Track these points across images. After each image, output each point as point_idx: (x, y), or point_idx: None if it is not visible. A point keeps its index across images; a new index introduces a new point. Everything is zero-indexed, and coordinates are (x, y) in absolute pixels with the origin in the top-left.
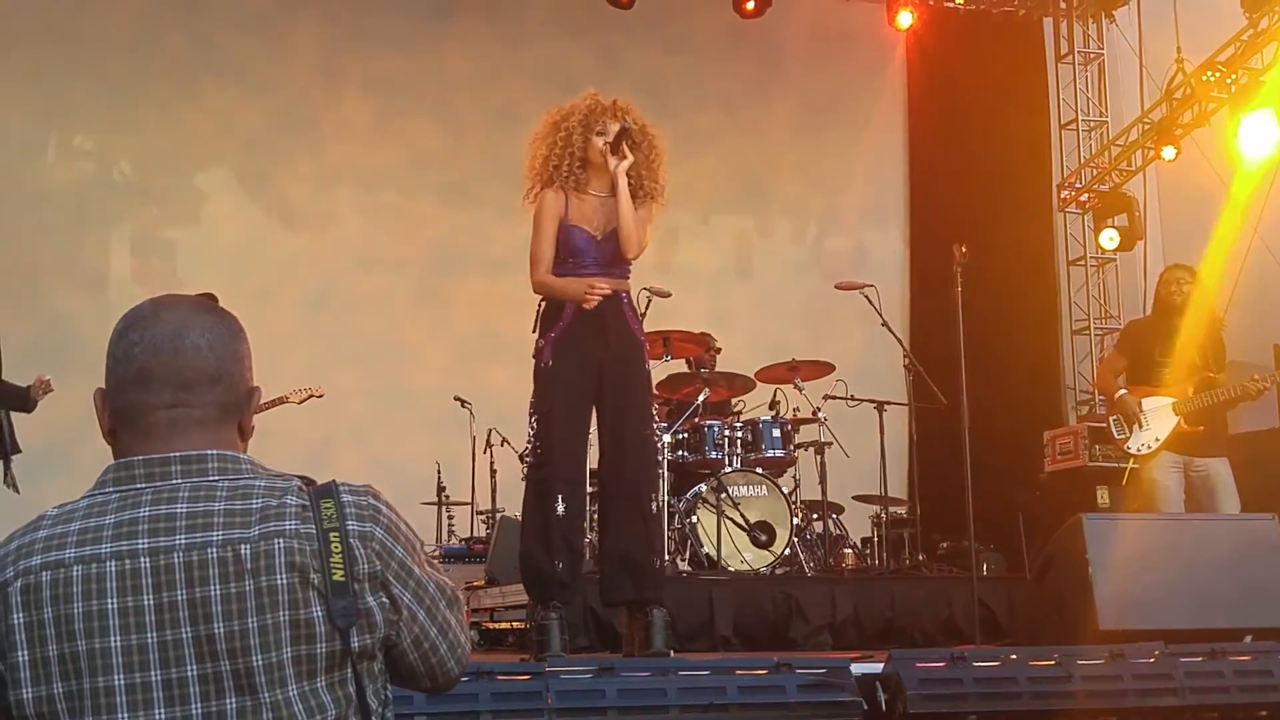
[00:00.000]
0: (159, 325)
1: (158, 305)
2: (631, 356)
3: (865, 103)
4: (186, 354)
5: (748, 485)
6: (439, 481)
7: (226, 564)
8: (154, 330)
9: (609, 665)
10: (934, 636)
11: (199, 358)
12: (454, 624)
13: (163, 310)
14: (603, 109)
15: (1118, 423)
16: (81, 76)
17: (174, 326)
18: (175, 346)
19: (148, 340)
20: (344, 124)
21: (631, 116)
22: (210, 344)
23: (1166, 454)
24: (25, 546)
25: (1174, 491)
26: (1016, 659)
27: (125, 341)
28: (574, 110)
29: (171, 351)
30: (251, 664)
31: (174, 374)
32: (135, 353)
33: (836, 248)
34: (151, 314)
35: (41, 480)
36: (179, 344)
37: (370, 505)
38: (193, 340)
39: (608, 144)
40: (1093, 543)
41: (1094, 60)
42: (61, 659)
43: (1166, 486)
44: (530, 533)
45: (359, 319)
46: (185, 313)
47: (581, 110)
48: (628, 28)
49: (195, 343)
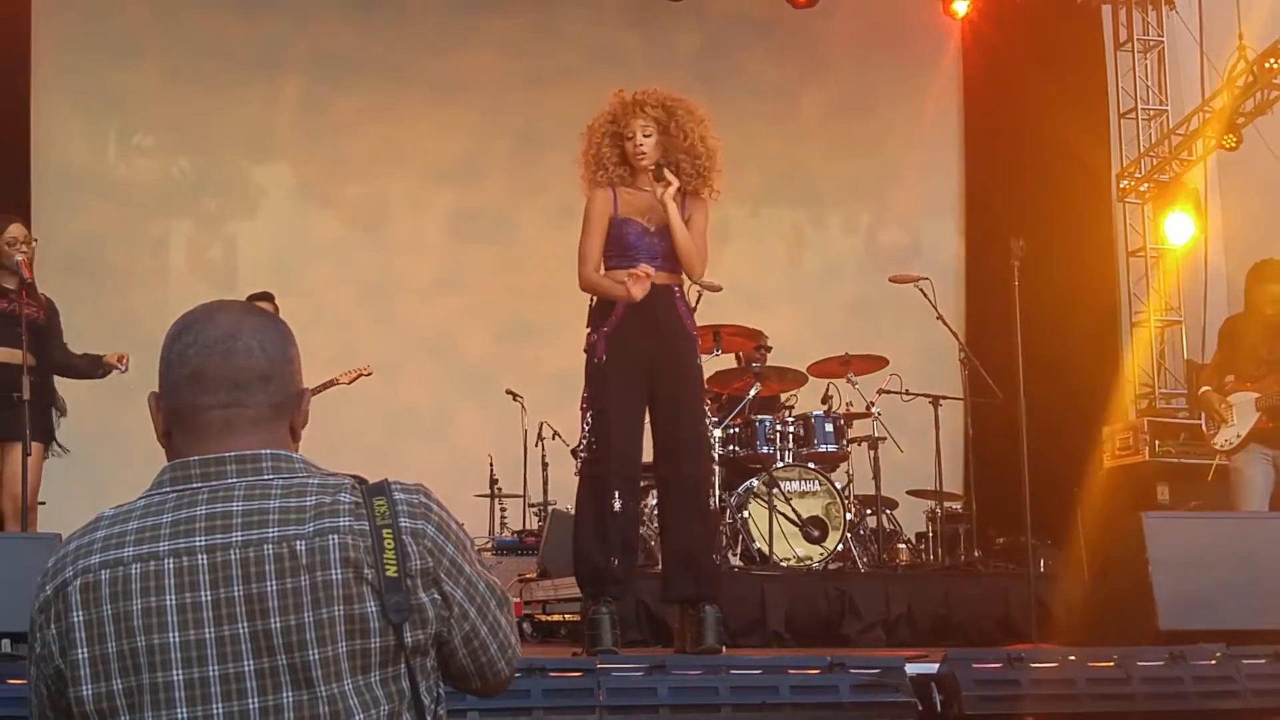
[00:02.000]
0: (212, 327)
1: (210, 309)
2: (683, 351)
3: (919, 92)
4: (239, 354)
5: (800, 480)
6: (491, 474)
7: (282, 560)
8: (207, 332)
9: (660, 663)
10: (990, 634)
11: (251, 358)
12: (504, 624)
13: (215, 313)
14: (624, 109)
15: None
16: (142, 74)
17: (226, 329)
18: (228, 348)
19: (201, 342)
20: (398, 116)
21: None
22: (262, 345)
23: (1255, 447)
24: (84, 546)
25: (1260, 485)
26: (1075, 660)
27: (179, 344)
28: (602, 120)
29: (225, 353)
30: (308, 658)
31: (227, 374)
32: (189, 355)
33: (890, 240)
34: (204, 317)
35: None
36: (232, 345)
37: (422, 503)
38: (245, 341)
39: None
40: (1153, 542)
41: (1154, 48)
42: (120, 656)
43: (1253, 479)
44: (585, 528)
45: (413, 312)
46: (237, 316)
47: (605, 120)
48: (679, 18)
49: (248, 344)
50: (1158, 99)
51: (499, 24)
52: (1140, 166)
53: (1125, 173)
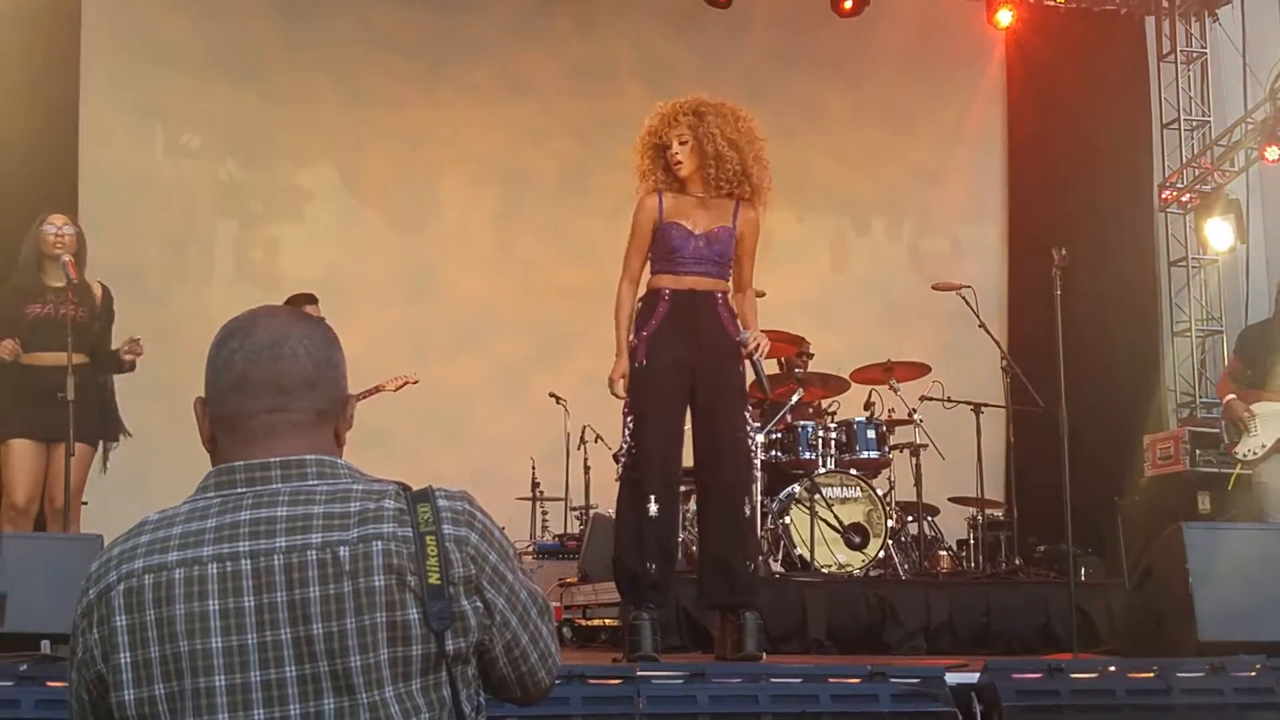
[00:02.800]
0: (258, 333)
1: (255, 315)
2: (724, 358)
3: (963, 101)
4: (285, 360)
5: (842, 487)
6: (533, 477)
7: (326, 566)
8: (253, 338)
9: (700, 670)
10: (1030, 643)
11: (297, 364)
12: (545, 633)
13: (261, 319)
14: (663, 122)
15: (1228, 428)
16: (189, 77)
17: (272, 334)
18: (274, 353)
19: (247, 348)
20: (443, 122)
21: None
22: (308, 350)
23: (1277, 458)
24: (127, 551)
25: None
26: (1115, 670)
27: (225, 350)
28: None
29: (271, 358)
30: (350, 664)
31: (273, 379)
32: (235, 360)
33: (933, 247)
34: (250, 323)
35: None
36: (278, 350)
37: (466, 510)
38: (291, 347)
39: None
40: (1194, 552)
41: (1196, 59)
42: (163, 660)
43: (1276, 492)
44: (623, 534)
45: (457, 314)
46: (283, 321)
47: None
48: (725, 26)
49: (294, 349)
50: (1200, 110)
51: (547, 26)
52: (1182, 177)
53: (1167, 183)
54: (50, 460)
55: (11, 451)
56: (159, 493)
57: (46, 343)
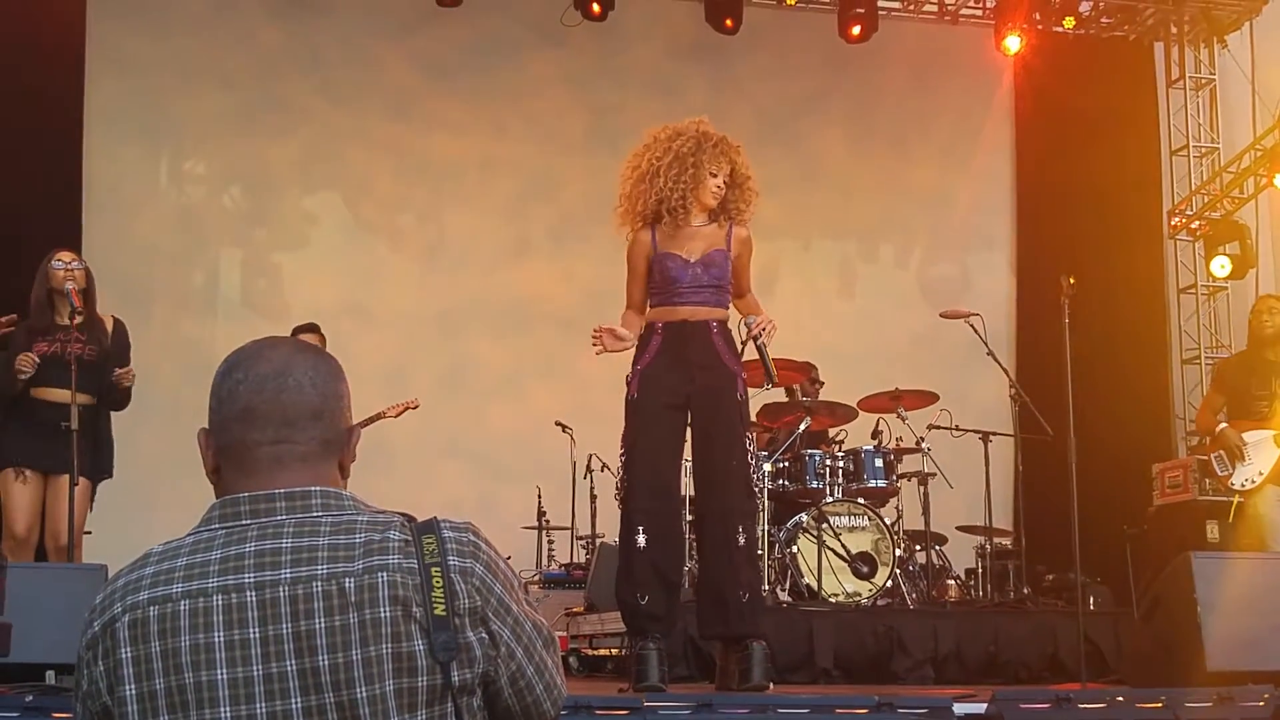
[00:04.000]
0: (262, 364)
1: (260, 346)
2: (720, 387)
3: (972, 128)
4: (290, 391)
5: (849, 515)
6: (539, 506)
7: (331, 597)
8: (258, 369)
9: (707, 701)
10: (1038, 672)
11: (302, 395)
12: (550, 665)
13: (265, 350)
14: (711, 147)
15: (1220, 459)
16: (193, 102)
17: (277, 366)
18: (279, 384)
19: (252, 379)
20: (450, 149)
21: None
22: (313, 381)
23: (1272, 487)
24: (132, 583)
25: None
26: (1123, 700)
27: (229, 381)
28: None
29: (275, 389)
30: (355, 696)
31: (278, 411)
32: (240, 391)
33: (941, 274)
34: (254, 354)
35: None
36: (283, 382)
37: (471, 542)
38: (295, 379)
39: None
40: (1201, 582)
41: (1205, 86)
42: (168, 692)
43: (1274, 521)
44: (620, 567)
45: (462, 342)
46: (287, 352)
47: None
48: (732, 52)
49: (298, 380)
50: (1209, 136)
51: (558, 55)
52: (1191, 204)
53: (1176, 210)
54: (50, 493)
55: (10, 482)
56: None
57: (54, 380)
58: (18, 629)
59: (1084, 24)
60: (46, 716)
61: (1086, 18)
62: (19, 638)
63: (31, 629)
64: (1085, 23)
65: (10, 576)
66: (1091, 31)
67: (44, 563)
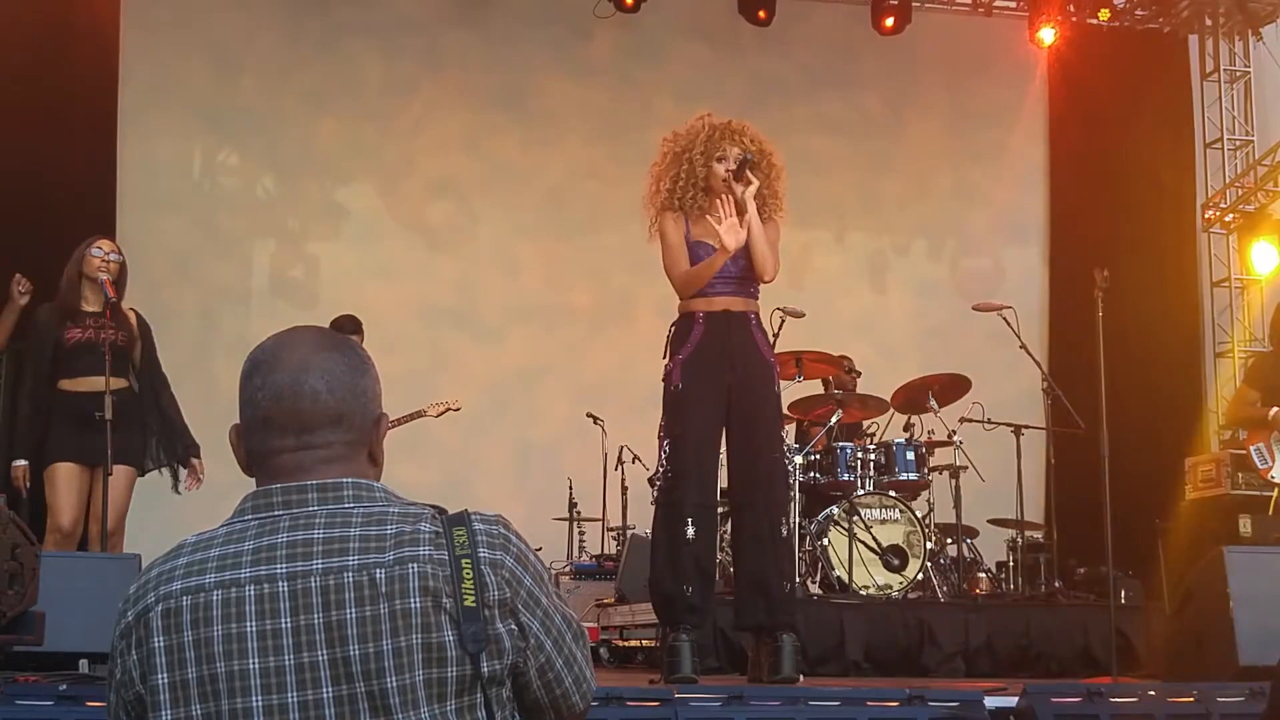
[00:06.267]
0: (278, 370)
1: (278, 346)
2: (759, 379)
3: (1005, 119)
4: (305, 400)
5: (880, 508)
6: (570, 498)
7: (362, 588)
8: (273, 376)
9: (739, 693)
10: (1070, 666)
11: (318, 402)
12: (580, 658)
13: (283, 352)
14: (720, 133)
15: (1260, 451)
16: (227, 93)
17: (292, 371)
18: (295, 392)
19: (268, 387)
20: (482, 143)
21: (749, 137)
22: (329, 386)
23: None
24: (165, 573)
25: None
26: (1155, 695)
27: (250, 386)
28: (693, 139)
29: (292, 398)
30: (386, 685)
31: (294, 420)
32: (259, 399)
33: (974, 267)
34: (272, 357)
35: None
36: (298, 390)
37: (501, 534)
38: (311, 385)
39: (730, 171)
40: (1234, 576)
41: (1240, 78)
42: (200, 681)
43: None
44: (660, 557)
45: (495, 335)
46: (304, 354)
47: (700, 139)
48: (766, 44)
49: (314, 387)
50: (1244, 129)
51: (590, 47)
52: (1225, 197)
53: (1210, 203)
54: (94, 484)
55: (57, 475)
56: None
57: (85, 368)
58: (51, 618)
59: (1118, 16)
60: (80, 705)
61: (1121, 10)
62: (53, 627)
63: (65, 618)
64: (1120, 15)
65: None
66: (1126, 24)
67: (78, 552)
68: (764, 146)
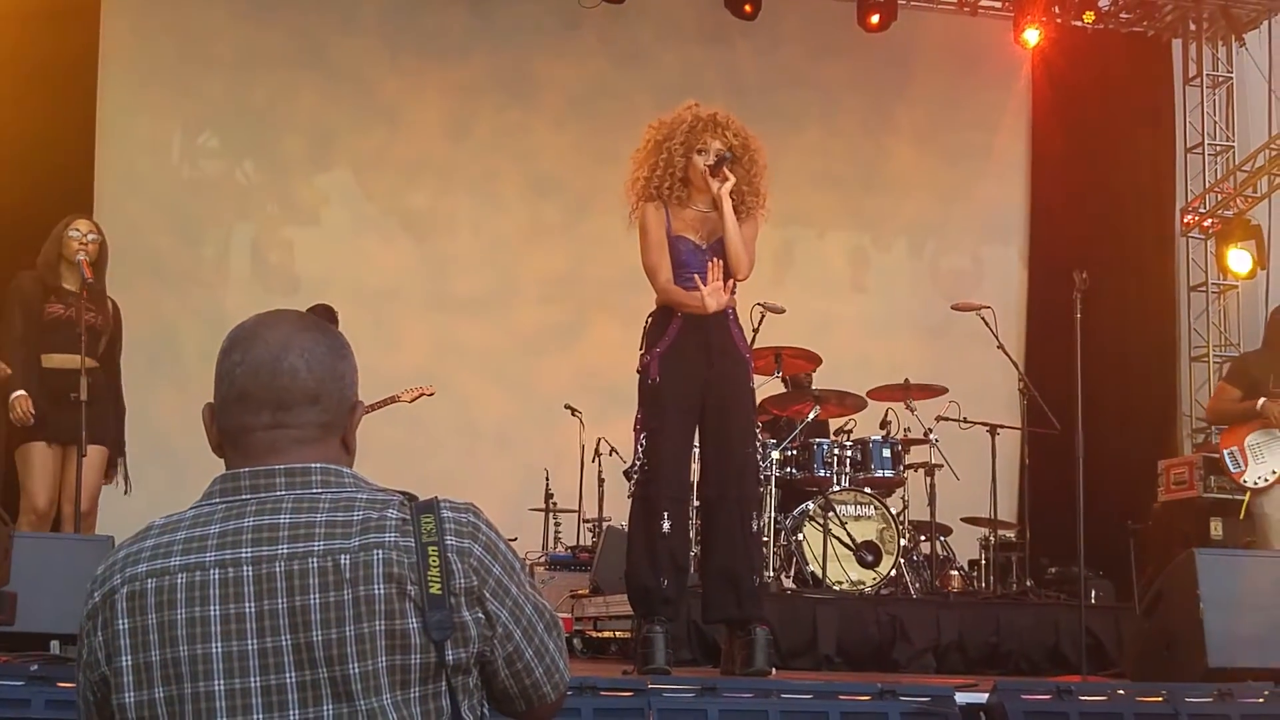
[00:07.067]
0: (258, 346)
1: (259, 324)
2: (735, 374)
3: (988, 120)
4: (284, 376)
5: (855, 505)
6: (547, 488)
7: (326, 574)
8: (254, 352)
9: (712, 685)
10: (1039, 664)
11: (296, 380)
12: (552, 648)
13: (262, 330)
14: (703, 125)
15: (1233, 455)
16: (207, 76)
17: (273, 348)
18: (274, 369)
19: (248, 362)
20: (463, 129)
21: (732, 131)
22: (308, 364)
23: None
24: (132, 555)
25: None
26: (1124, 694)
27: (228, 362)
28: (675, 128)
29: (270, 373)
30: (349, 671)
31: (272, 396)
32: (236, 374)
33: (953, 266)
34: (252, 334)
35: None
36: (277, 366)
37: (470, 522)
38: (290, 362)
39: (709, 166)
40: (1205, 578)
41: (1222, 83)
42: (164, 664)
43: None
44: (636, 550)
45: (472, 323)
46: (286, 332)
47: (682, 129)
48: (750, 39)
49: (293, 364)
50: (1224, 135)
51: (573, 38)
52: (1205, 201)
53: (1190, 207)
54: (66, 464)
55: (32, 455)
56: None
57: (62, 345)
58: (23, 599)
59: (1103, 19)
60: (51, 686)
61: (1106, 12)
62: (24, 607)
63: (37, 599)
64: (1104, 18)
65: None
66: (1110, 26)
67: (51, 533)
68: (748, 141)
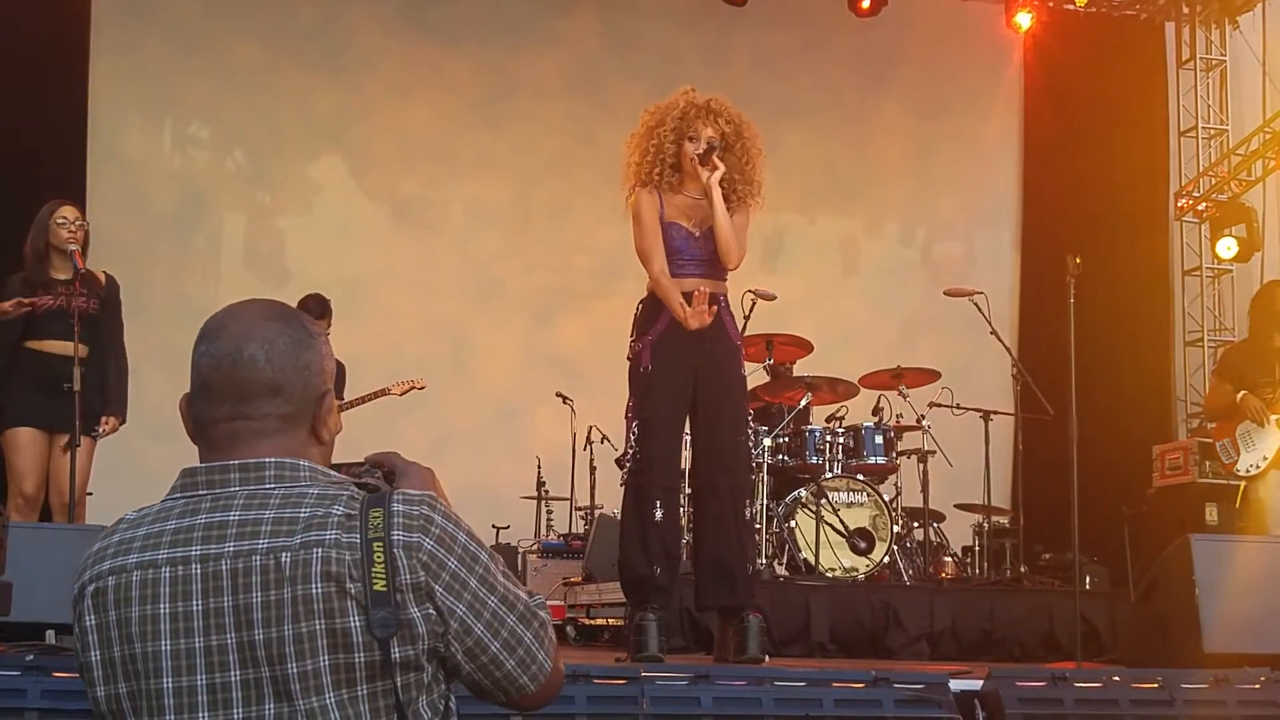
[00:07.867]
0: (223, 338)
1: (228, 315)
2: (727, 361)
3: (980, 105)
4: (243, 367)
5: (848, 491)
6: (539, 477)
7: (269, 571)
8: (217, 344)
9: (705, 672)
10: (1033, 650)
11: (256, 370)
12: (527, 639)
13: (229, 321)
14: (696, 112)
15: (1224, 448)
16: (199, 65)
17: (236, 339)
18: (234, 360)
19: (211, 353)
20: (453, 114)
21: (725, 118)
22: (269, 356)
23: (1275, 473)
24: (100, 551)
25: None
26: (1119, 680)
27: (196, 353)
28: (667, 114)
29: (230, 365)
30: (288, 671)
31: (231, 387)
32: (201, 365)
33: (946, 251)
34: (218, 326)
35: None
36: (237, 357)
37: (422, 515)
38: (250, 353)
39: (697, 155)
40: (1200, 564)
41: (1216, 67)
42: (124, 660)
43: (1276, 508)
44: (629, 538)
45: (465, 311)
46: (249, 323)
47: (674, 115)
48: (740, 24)
49: (253, 355)
50: (1218, 118)
51: (564, 24)
52: (1199, 185)
53: (1183, 191)
54: (53, 451)
55: (19, 440)
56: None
57: (54, 333)
58: (18, 589)
59: (1095, 2)
60: (47, 675)
61: None
62: (20, 597)
63: (32, 589)
64: (1097, 1)
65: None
66: (1103, 10)
67: (45, 523)
68: (742, 129)
